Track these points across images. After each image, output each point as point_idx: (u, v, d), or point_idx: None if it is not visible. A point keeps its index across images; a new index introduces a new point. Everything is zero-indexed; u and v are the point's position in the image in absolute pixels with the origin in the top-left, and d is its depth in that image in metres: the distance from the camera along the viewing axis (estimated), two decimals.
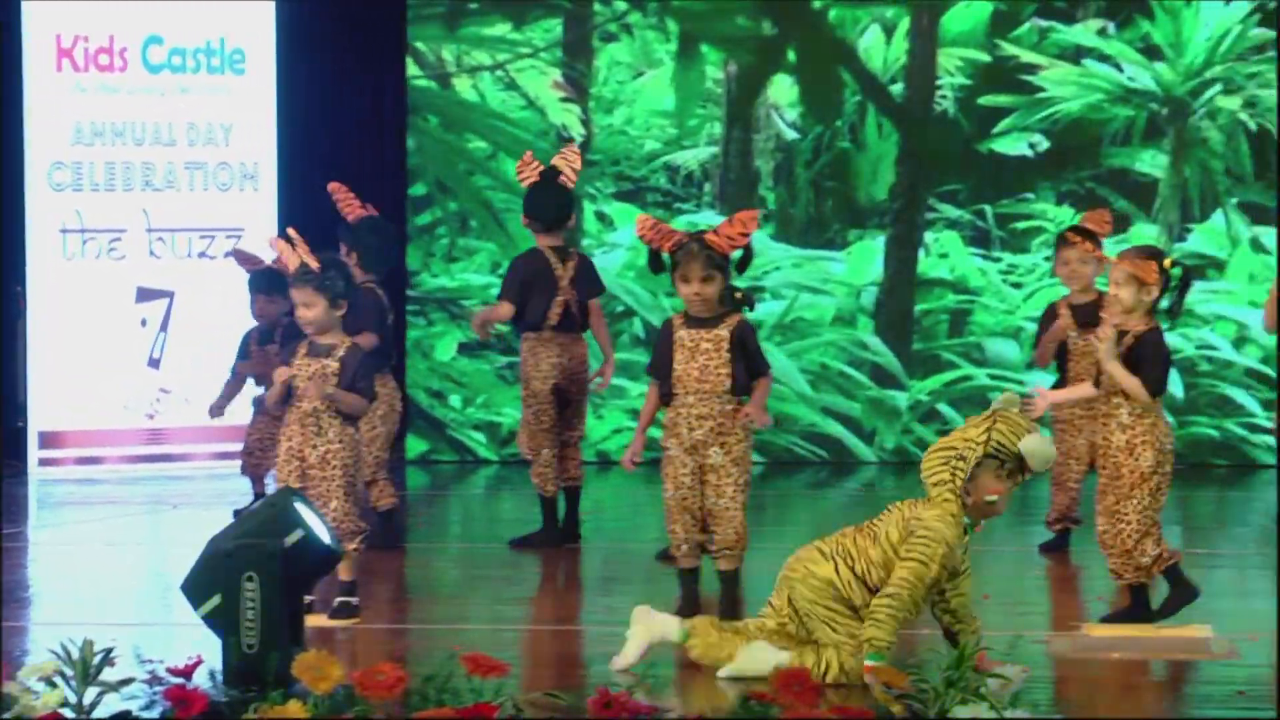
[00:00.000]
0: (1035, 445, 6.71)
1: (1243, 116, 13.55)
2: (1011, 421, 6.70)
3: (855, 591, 6.74)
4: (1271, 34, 13.49)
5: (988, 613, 8.13)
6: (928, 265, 13.82)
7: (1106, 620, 7.75)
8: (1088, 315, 9.56)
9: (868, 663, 6.56)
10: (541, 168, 10.13)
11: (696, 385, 7.88)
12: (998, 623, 7.83)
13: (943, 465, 6.70)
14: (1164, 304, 7.89)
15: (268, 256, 10.59)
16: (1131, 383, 7.64)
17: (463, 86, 14.12)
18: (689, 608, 7.97)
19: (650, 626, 6.91)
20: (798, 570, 6.82)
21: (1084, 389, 7.94)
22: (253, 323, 10.72)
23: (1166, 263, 7.84)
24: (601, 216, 13.98)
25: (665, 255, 7.97)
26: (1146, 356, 7.72)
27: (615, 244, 13.89)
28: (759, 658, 6.76)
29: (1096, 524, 7.86)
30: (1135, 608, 7.69)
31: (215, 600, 6.40)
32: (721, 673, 6.82)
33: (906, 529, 6.68)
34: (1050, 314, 9.88)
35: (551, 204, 10.05)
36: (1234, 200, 13.56)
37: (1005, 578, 9.39)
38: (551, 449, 10.09)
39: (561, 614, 8.79)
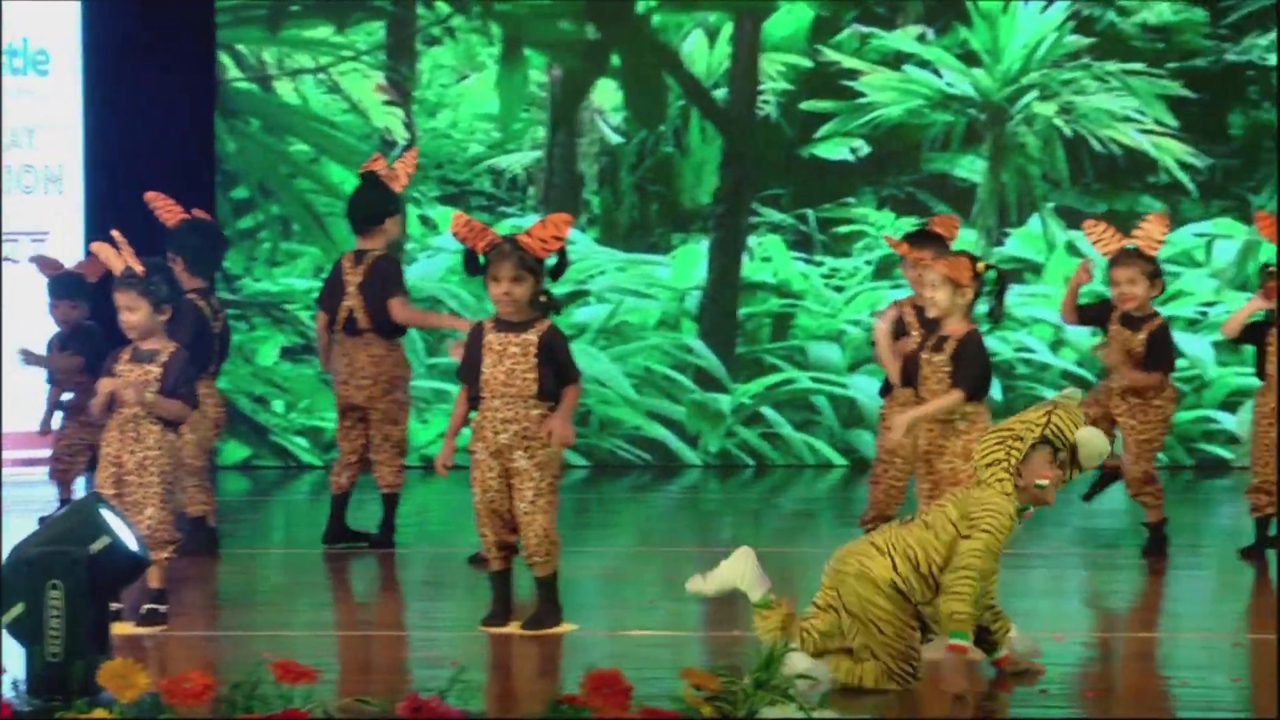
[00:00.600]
0: (1090, 436, 6.69)
1: (1058, 122, 13.75)
2: (1071, 411, 6.70)
3: (914, 586, 6.61)
4: (1085, 40, 13.72)
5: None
6: (751, 269, 13.89)
7: None
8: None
9: (952, 640, 6.50)
10: (366, 170, 10.15)
11: (503, 389, 7.84)
12: None
13: (998, 445, 6.63)
14: (984, 307, 7.98)
15: (69, 261, 10.47)
16: (947, 400, 7.72)
17: (284, 89, 14.03)
18: (500, 611, 7.95)
19: (742, 571, 6.75)
20: (850, 565, 6.66)
21: (944, 401, 7.93)
22: (53, 329, 10.57)
23: (980, 265, 7.93)
24: (425, 220, 13.93)
25: (481, 256, 7.94)
26: (963, 357, 7.80)
27: (440, 248, 13.86)
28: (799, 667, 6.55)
29: None
30: None
31: (18, 609, 6.30)
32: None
33: (964, 509, 6.61)
34: (891, 311, 9.96)
35: (356, 206, 10.11)
36: (1050, 205, 13.75)
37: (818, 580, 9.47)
38: (340, 450, 10.17)
39: (383, 619, 8.76)
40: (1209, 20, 13.64)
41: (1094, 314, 9.95)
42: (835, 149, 13.85)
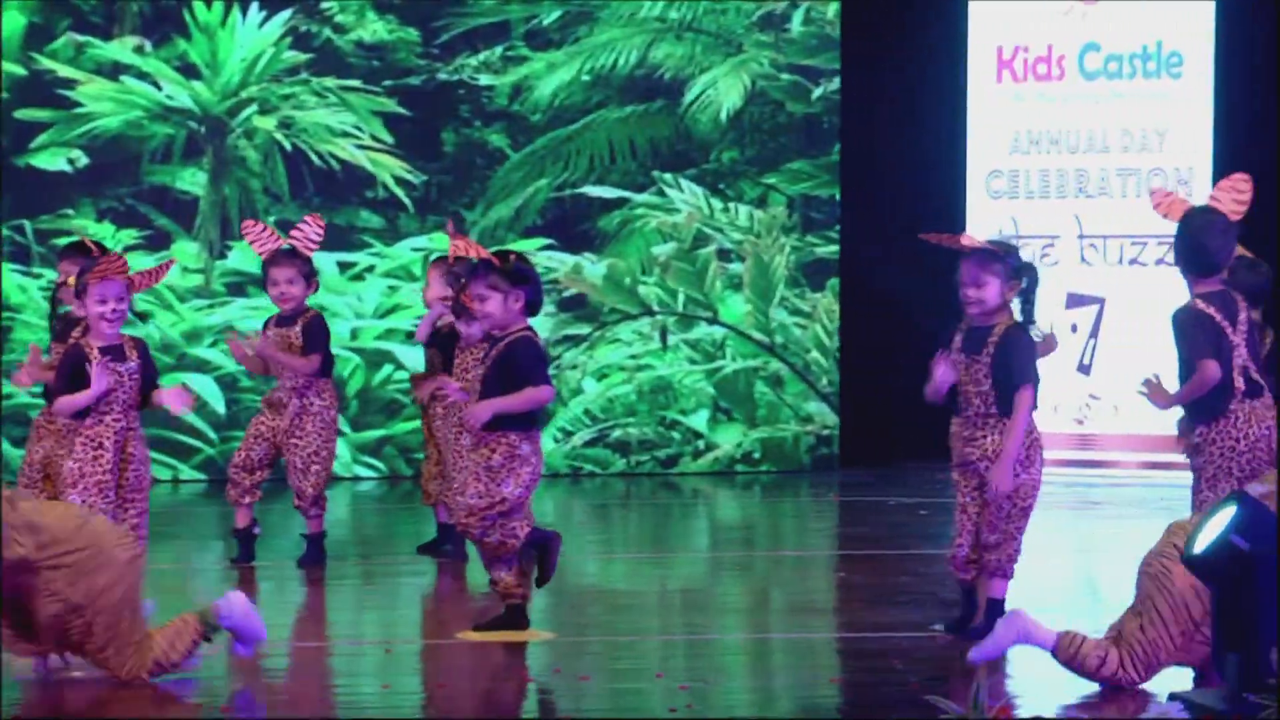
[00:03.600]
0: None
1: (278, 136, 13.87)
2: None
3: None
4: (303, 56, 13.89)
5: None
6: None
7: None
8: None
9: None
10: None
11: None
12: None
13: None
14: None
15: None
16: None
17: None
18: None
19: (1030, 630, 6.89)
20: (1154, 565, 6.83)
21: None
22: None
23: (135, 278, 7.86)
24: None
25: None
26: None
27: None
28: None
29: None
30: None
31: None
32: None
33: None
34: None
35: None
36: (273, 218, 13.82)
37: None
38: None
39: None
40: (421, 40, 14.01)
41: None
42: (52, 159, 13.60)
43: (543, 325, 13.73)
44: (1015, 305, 7.85)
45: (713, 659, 7.74)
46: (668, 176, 14.27)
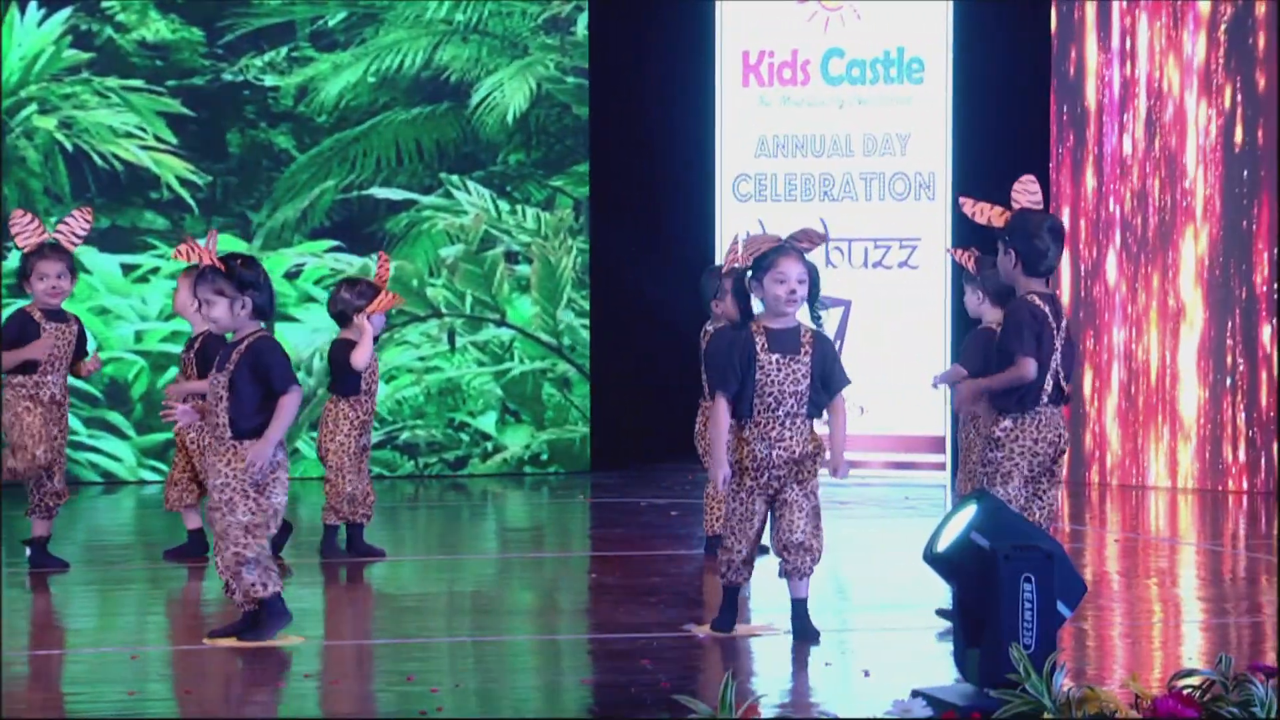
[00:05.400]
0: None
1: (59, 137, 13.70)
2: None
3: None
4: (84, 55, 13.73)
5: None
6: None
7: None
8: None
9: None
10: None
11: None
12: None
13: None
14: None
15: None
16: None
17: None
18: None
19: None
20: None
21: None
22: None
23: None
24: None
25: None
26: None
27: None
28: None
29: None
30: None
31: None
32: None
33: None
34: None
35: None
36: (54, 219, 13.65)
37: None
38: None
39: None
40: (206, 40, 13.89)
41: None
42: None
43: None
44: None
45: (471, 660, 7.74)
46: (455, 178, 14.25)
